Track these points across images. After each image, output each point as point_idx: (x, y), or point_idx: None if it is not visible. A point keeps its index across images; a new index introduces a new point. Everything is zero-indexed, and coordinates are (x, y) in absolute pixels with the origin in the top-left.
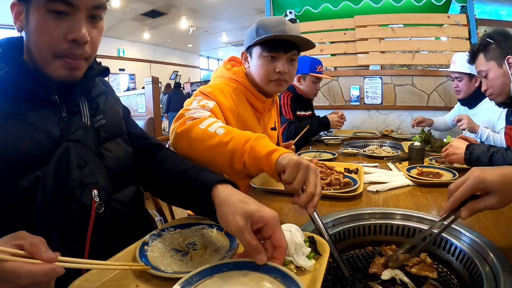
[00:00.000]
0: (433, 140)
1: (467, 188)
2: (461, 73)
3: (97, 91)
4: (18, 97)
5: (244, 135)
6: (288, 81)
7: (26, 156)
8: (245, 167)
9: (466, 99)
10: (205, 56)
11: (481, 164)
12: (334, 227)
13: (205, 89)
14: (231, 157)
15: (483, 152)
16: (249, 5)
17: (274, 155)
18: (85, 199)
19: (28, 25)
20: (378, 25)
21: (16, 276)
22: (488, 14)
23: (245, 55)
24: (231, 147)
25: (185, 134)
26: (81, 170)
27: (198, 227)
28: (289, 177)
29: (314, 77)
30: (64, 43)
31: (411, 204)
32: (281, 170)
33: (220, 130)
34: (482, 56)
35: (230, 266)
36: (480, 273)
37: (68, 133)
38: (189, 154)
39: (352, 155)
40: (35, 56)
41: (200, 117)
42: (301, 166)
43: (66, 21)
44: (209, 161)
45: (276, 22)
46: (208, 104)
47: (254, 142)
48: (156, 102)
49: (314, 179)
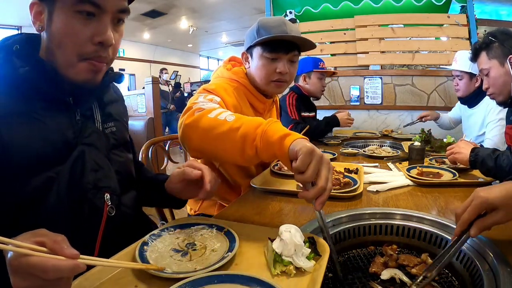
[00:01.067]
0: (433, 140)
1: (473, 209)
2: (462, 72)
3: (109, 98)
4: (33, 96)
5: (256, 120)
6: (289, 81)
7: (39, 156)
8: (257, 152)
9: (466, 98)
10: (205, 56)
11: (486, 166)
12: (334, 227)
13: (208, 86)
14: (243, 143)
15: (488, 155)
16: (249, 5)
17: (287, 139)
18: (98, 202)
19: (52, 26)
20: (378, 25)
21: (42, 270)
22: (488, 14)
23: (245, 55)
24: (242, 132)
25: (194, 124)
26: (95, 173)
27: (197, 227)
28: (301, 165)
29: (319, 73)
30: (90, 45)
31: (411, 204)
32: (294, 156)
33: (230, 117)
34: (484, 54)
35: (222, 278)
36: (480, 273)
37: (82, 136)
38: (199, 145)
39: (352, 155)
40: (59, 57)
41: (209, 108)
42: (315, 155)
43: (93, 23)
44: (220, 150)
45: (277, 22)
46: (215, 98)
47: (267, 126)
48: (156, 102)
49: (326, 173)
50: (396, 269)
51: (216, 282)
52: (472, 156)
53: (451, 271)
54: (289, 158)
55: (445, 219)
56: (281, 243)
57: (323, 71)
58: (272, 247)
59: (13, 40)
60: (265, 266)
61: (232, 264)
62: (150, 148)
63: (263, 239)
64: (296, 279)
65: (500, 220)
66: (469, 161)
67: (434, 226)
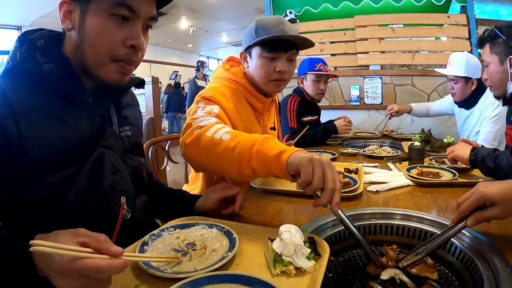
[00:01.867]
0: (433, 140)
1: (472, 201)
2: (457, 76)
3: (126, 102)
4: (55, 94)
5: (250, 139)
6: (288, 80)
7: (58, 153)
8: (254, 172)
9: (463, 102)
10: (205, 56)
11: (486, 165)
12: (334, 227)
13: (206, 93)
14: (239, 163)
15: (488, 153)
16: (249, 5)
17: (283, 156)
18: (114, 205)
19: (85, 26)
20: (378, 25)
21: (98, 271)
22: (488, 14)
23: (244, 55)
24: (238, 152)
25: (194, 144)
26: (113, 176)
27: (197, 227)
28: (306, 176)
29: (314, 75)
30: (122, 48)
31: (411, 204)
32: (294, 171)
33: (225, 136)
34: (487, 47)
35: (222, 278)
36: (480, 273)
37: (101, 138)
38: (200, 164)
39: (352, 155)
40: (90, 56)
41: (207, 125)
42: (315, 162)
43: (126, 26)
44: (219, 169)
45: (276, 22)
46: (214, 110)
47: (261, 145)
48: (156, 102)
49: (331, 174)
50: (396, 269)
51: (216, 282)
52: (472, 155)
53: (451, 271)
54: (289, 173)
55: (445, 219)
56: (281, 243)
57: (318, 73)
58: (272, 247)
59: (37, 35)
60: (265, 266)
61: (232, 264)
62: (150, 148)
63: (263, 239)
64: (296, 279)
65: (497, 216)
66: (469, 160)
67: (434, 226)
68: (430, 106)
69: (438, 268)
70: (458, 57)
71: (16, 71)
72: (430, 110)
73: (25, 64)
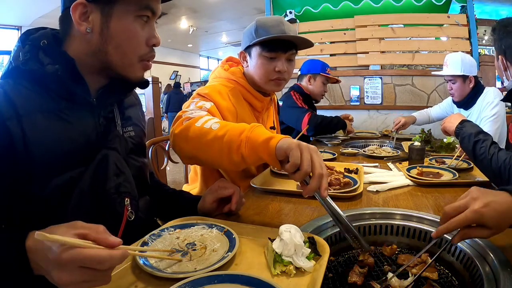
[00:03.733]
0: (433, 140)
1: (464, 220)
2: (454, 76)
3: (129, 102)
4: (60, 95)
5: (239, 127)
6: (287, 79)
7: (63, 155)
8: (243, 158)
9: (462, 101)
10: (205, 56)
11: (464, 144)
12: (334, 227)
13: (202, 90)
14: (229, 150)
15: (470, 135)
16: (249, 5)
17: (272, 141)
18: (118, 207)
19: (110, 28)
20: (378, 25)
21: (98, 261)
22: (488, 14)
23: (243, 54)
24: (227, 139)
25: (183, 134)
26: (117, 178)
27: (197, 227)
28: (295, 159)
29: (324, 78)
30: (145, 47)
31: (411, 204)
32: (283, 155)
33: (215, 125)
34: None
35: (222, 278)
36: (480, 273)
37: (105, 139)
38: (189, 153)
39: (352, 155)
40: (116, 57)
41: (196, 116)
42: (303, 147)
43: (146, 27)
44: (208, 157)
45: (275, 22)
46: (206, 105)
47: (250, 132)
48: (156, 102)
49: (318, 159)
50: None
51: (216, 282)
52: (458, 127)
53: (451, 271)
54: (277, 159)
55: None
56: (281, 243)
57: (329, 76)
58: (272, 247)
59: (40, 34)
60: (265, 266)
61: (232, 264)
62: (150, 148)
63: (263, 239)
64: (296, 279)
65: (485, 236)
66: (455, 131)
67: (434, 226)
68: (429, 113)
69: (438, 268)
70: (453, 57)
71: (19, 71)
72: (430, 117)
73: (29, 65)
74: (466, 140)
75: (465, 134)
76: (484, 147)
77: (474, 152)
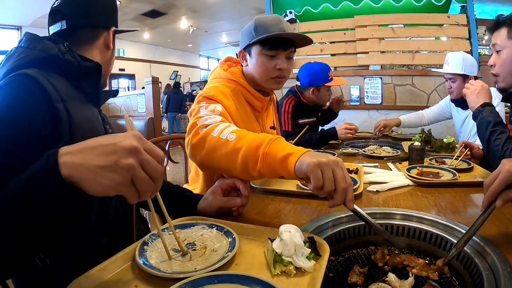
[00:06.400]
0: (433, 140)
1: (500, 181)
2: (454, 74)
3: None
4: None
5: (256, 139)
6: (287, 77)
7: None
8: (261, 174)
9: (460, 100)
10: (205, 56)
11: (480, 131)
12: (334, 227)
13: (207, 93)
14: (246, 165)
15: (489, 123)
16: (249, 5)
17: (290, 159)
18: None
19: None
20: (378, 25)
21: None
22: (488, 14)
23: (243, 53)
24: (244, 154)
25: (200, 144)
26: None
27: (197, 227)
28: (316, 181)
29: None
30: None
31: (411, 204)
32: (303, 175)
33: (231, 136)
34: (504, 31)
35: (222, 278)
36: (480, 273)
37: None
38: (206, 164)
39: (352, 155)
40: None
41: (212, 124)
42: (323, 165)
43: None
44: (225, 169)
45: (275, 20)
46: (217, 108)
47: (267, 148)
48: (156, 102)
49: (340, 173)
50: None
51: (216, 282)
52: (478, 109)
53: (451, 271)
54: (297, 177)
55: (445, 219)
56: (281, 243)
57: (333, 84)
58: (272, 247)
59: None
60: (265, 266)
61: (232, 264)
62: None
63: (263, 239)
64: (296, 279)
65: None
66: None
67: (434, 226)
68: (423, 114)
69: None
70: (454, 55)
71: (53, 60)
72: (424, 118)
73: (67, 56)
74: (483, 126)
75: (483, 119)
76: (499, 140)
77: (488, 142)
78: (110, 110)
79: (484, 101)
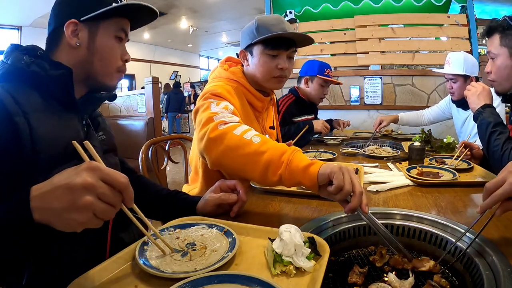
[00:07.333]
0: (433, 140)
1: (504, 192)
2: (456, 75)
3: (96, 113)
4: (56, 98)
5: (280, 147)
6: (288, 77)
7: (64, 149)
8: (281, 180)
9: (461, 101)
10: (205, 56)
11: (480, 131)
12: (334, 227)
13: (214, 90)
14: (266, 168)
15: (489, 124)
16: (249, 5)
17: (313, 167)
18: None
19: (95, 43)
20: (378, 25)
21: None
22: (488, 14)
23: (244, 53)
24: (267, 158)
25: (219, 139)
26: None
27: (197, 227)
28: (339, 181)
29: (322, 80)
30: (120, 61)
31: (411, 204)
32: (325, 180)
33: (256, 138)
34: (497, 37)
35: (222, 278)
36: (480, 273)
37: (91, 139)
38: (220, 160)
39: (352, 155)
40: (98, 67)
41: (232, 122)
42: (343, 170)
43: (121, 45)
44: (240, 169)
45: (276, 20)
46: (229, 106)
47: (291, 156)
48: (156, 102)
49: (356, 179)
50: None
51: (216, 282)
52: (478, 111)
53: (451, 271)
54: (319, 183)
55: (445, 219)
56: (281, 243)
57: (327, 79)
58: (272, 247)
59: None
60: (265, 266)
61: (232, 264)
62: (150, 148)
63: (263, 239)
64: (296, 279)
65: None
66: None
67: (434, 226)
68: (422, 114)
69: None
70: (456, 56)
71: (19, 73)
72: (423, 119)
73: (32, 67)
74: (483, 127)
75: (483, 120)
76: (498, 140)
77: (488, 142)
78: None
79: (485, 103)
